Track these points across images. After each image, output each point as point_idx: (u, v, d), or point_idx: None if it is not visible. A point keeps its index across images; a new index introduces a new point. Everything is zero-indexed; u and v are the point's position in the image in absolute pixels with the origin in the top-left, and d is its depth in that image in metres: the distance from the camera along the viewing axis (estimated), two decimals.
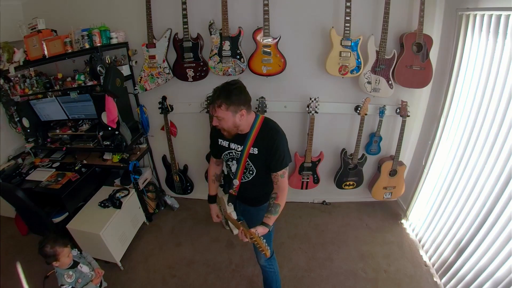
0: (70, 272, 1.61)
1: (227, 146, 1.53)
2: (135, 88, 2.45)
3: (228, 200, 1.70)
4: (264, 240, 1.30)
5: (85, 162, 2.53)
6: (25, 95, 2.44)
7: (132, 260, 2.39)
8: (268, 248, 1.31)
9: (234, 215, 1.64)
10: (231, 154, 1.54)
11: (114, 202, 2.33)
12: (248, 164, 1.50)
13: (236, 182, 1.56)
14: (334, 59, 2.12)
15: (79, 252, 1.76)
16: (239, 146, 1.48)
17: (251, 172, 1.52)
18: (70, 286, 1.59)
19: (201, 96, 2.45)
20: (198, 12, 2.17)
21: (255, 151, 1.45)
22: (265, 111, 2.36)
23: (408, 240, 2.46)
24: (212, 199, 1.84)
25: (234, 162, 1.54)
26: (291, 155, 1.47)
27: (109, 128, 2.28)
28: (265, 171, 1.48)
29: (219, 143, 1.57)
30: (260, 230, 1.37)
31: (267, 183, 1.52)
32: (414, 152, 2.63)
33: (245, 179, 1.55)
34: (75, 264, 1.65)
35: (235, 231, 1.43)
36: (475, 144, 1.77)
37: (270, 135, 1.42)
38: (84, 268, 1.68)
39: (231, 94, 1.32)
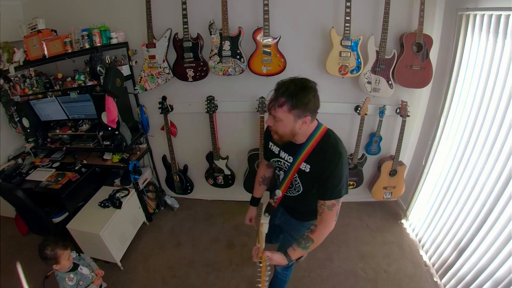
0: (71, 275, 1.59)
1: (277, 153, 1.33)
2: (135, 88, 2.45)
3: (266, 210, 1.44)
4: (269, 273, 1.15)
5: (85, 162, 2.53)
6: (25, 95, 2.43)
7: (132, 260, 2.39)
8: (267, 280, 1.15)
9: (265, 228, 1.42)
10: (279, 163, 1.33)
11: (114, 202, 2.33)
12: (296, 181, 1.29)
13: (279, 193, 1.36)
14: (334, 59, 2.12)
15: (78, 254, 1.75)
16: (290, 157, 1.26)
17: (297, 190, 1.32)
18: None
19: (201, 96, 2.45)
20: (198, 12, 2.17)
21: (307, 168, 1.22)
22: (265, 111, 2.36)
23: (408, 240, 2.46)
24: (255, 201, 1.64)
25: (282, 172, 1.34)
26: (347, 188, 1.22)
27: (109, 128, 2.27)
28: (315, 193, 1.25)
29: (269, 146, 1.36)
30: (276, 258, 1.19)
31: (316, 201, 1.24)
32: (414, 152, 2.63)
33: (290, 194, 1.36)
34: (75, 267, 1.64)
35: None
36: (475, 144, 1.77)
37: (330, 155, 1.17)
38: (84, 270, 1.68)
39: (300, 94, 1.08)
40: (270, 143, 1.36)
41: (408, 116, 2.32)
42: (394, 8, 1.97)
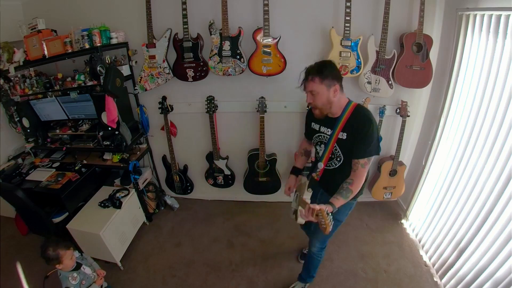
0: (75, 274, 1.60)
1: (317, 129, 1.57)
2: (135, 88, 2.45)
3: (309, 185, 1.57)
4: (331, 217, 1.28)
5: (85, 162, 2.53)
6: (25, 95, 2.44)
7: (132, 260, 2.39)
8: (331, 224, 1.28)
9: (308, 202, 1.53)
10: (320, 137, 1.57)
11: (114, 202, 2.33)
12: (336, 150, 1.50)
13: (320, 165, 1.57)
14: (334, 59, 2.11)
15: (80, 254, 1.76)
16: (329, 129, 1.50)
17: (338, 159, 1.52)
18: None
19: (201, 96, 2.45)
20: (198, 12, 2.17)
21: (344, 136, 1.45)
22: (265, 111, 2.36)
23: (408, 240, 2.46)
24: (296, 171, 1.82)
25: (322, 146, 1.56)
26: (377, 149, 1.43)
27: (109, 128, 2.28)
28: None
29: (312, 126, 1.62)
30: (325, 207, 1.33)
31: None
32: (414, 152, 2.63)
33: (332, 166, 1.55)
34: (78, 266, 1.65)
35: (299, 220, 1.41)
36: (475, 144, 1.77)
37: (362, 121, 1.40)
38: (87, 270, 1.68)
39: (325, 68, 1.37)
40: (312, 123, 1.61)
41: (408, 116, 2.32)
42: (394, 8, 1.97)
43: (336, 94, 1.41)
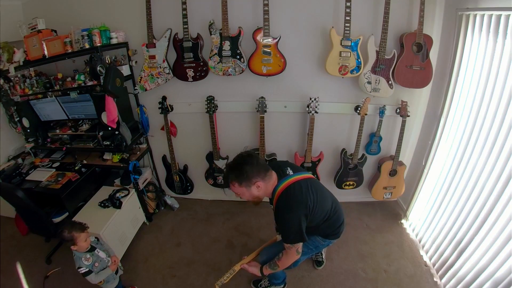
0: (88, 255, 1.69)
1: None
2: (135, 88, 2.45)
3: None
4: (227, 276, 1.64)
5: (85, 162, 2.53)
6: (25, 95, 2.44)
7: (132, 260, 2.39)
8: (223, 280, 1.64)
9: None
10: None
11: (114, 202, 2.33)
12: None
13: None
14: (334, 59, 2.12)
15: (96, 238, 1.85)
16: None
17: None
18: (87, 269, 1.66)
19: (201, 96, 2.45)
20: (198, 12, 2.17)
21: (274, 211, 1.53)
22: (265, 111, 2.36)
23: (408, 240, 2.46)
24: None
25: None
26: (304, 236, 1.46)
27: (109, 128, 2.27)
28: None
29: None
30: (251, 269, 1.65)
31: None
32: (414, 152, 2.63)
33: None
34: (92, 249, 1.73)
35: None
36: (475, 144, 1.77)
37: (281, 207, 1.45)
38: (101, 254, 1.76)
39: (241, 171, 1.40)
40: None
41: (408, 116, 2.32)
42: (394, 8, 1.97)
43: (260, 189, 1.45)
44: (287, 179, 1.49)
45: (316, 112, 2.31)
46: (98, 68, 2.07)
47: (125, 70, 2.35)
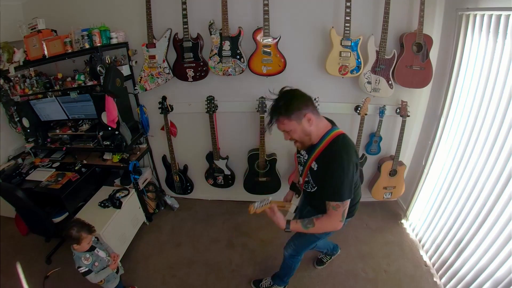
0: (87, 255, 1.67)
1: (298, 150, 1.51)
2: (135, 88, 2.45)
3: (296, 193, 1.66)
4: (259, 204, 1.41)
5: (85, 162, 2.53)
6: (25, 95, 2.43)
7: (132, 260, 2.39)
8: (257, 208, 1.41)
9: (292, 208, 1.64)
10: (299, 158, 1.51)
11: (114, 202, 2.33)
12: (308, 178, 1.42)
13: (300, 180, 1.53)
14: (334, 59, 2.12)
15: (96, 238, 1.82)
16: (306, 154, 1.42)
17: (312, 186, 1.42)
18: (87, 268, 1.65)
19: (201, 96, 2.45)
20: (198, 12, 2.17)
21: (315, 167, 1.34)
22: (265, 111, 2.36)
23: (408, 240, 2.46)
24: (293, 186, 1.75)
25: (301, 167, 1.50)
26: (352, 191, 1.30)
27: (109, 128, 2.27)
28: None
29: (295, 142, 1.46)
30: (278, 216, 1.40)
31: None
32: (414, 152, 2.63)
33: (308, 189, 1.47)
34: (91, 248, 1.71)
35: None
36: (475, 144, 1.77)
37: (332, 157, 1.27)
38: (100, 253, 1.75)
39: (287, 103, 1.25)
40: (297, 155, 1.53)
41: (408, 116, 2.32)
42: (394, 8, 1.97)
43: (312, 122, 1.28)
44: (338, 128, 1.36)
45: None
46: (98, 68, 2.07)
47: (125, 70, 2.35)
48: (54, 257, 2.43)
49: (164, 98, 2.48)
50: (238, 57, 2.18)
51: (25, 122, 2.54)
